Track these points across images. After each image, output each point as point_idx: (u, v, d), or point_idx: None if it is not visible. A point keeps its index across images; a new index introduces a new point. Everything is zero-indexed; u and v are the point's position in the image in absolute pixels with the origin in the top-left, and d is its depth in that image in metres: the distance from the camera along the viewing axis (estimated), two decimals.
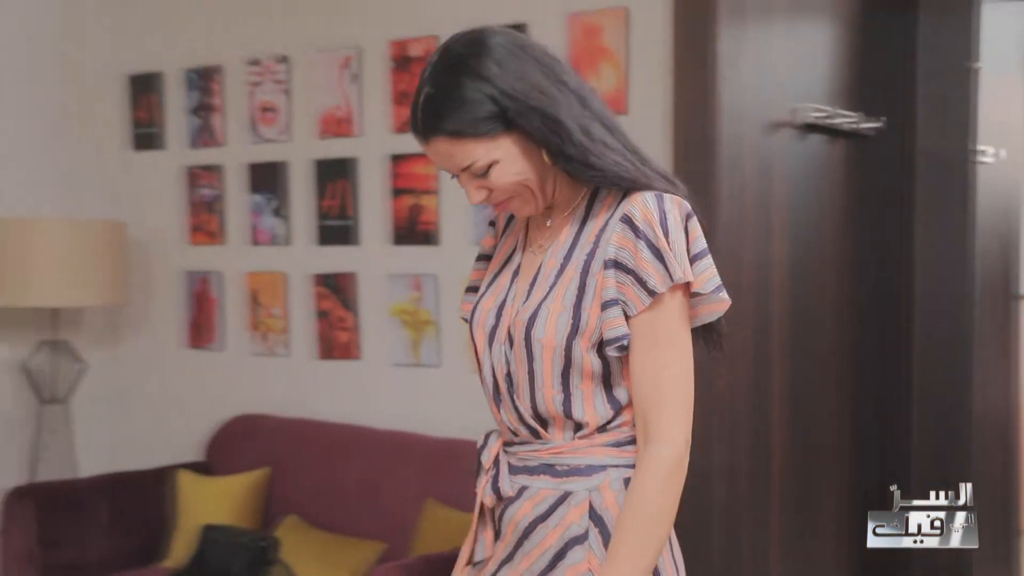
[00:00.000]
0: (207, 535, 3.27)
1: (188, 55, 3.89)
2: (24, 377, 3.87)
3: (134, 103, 4.06)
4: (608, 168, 1.39)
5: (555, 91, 1.38)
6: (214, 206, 3.79)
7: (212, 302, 3.85)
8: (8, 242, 3.58)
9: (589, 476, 1.42)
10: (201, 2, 3.87)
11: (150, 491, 3.60)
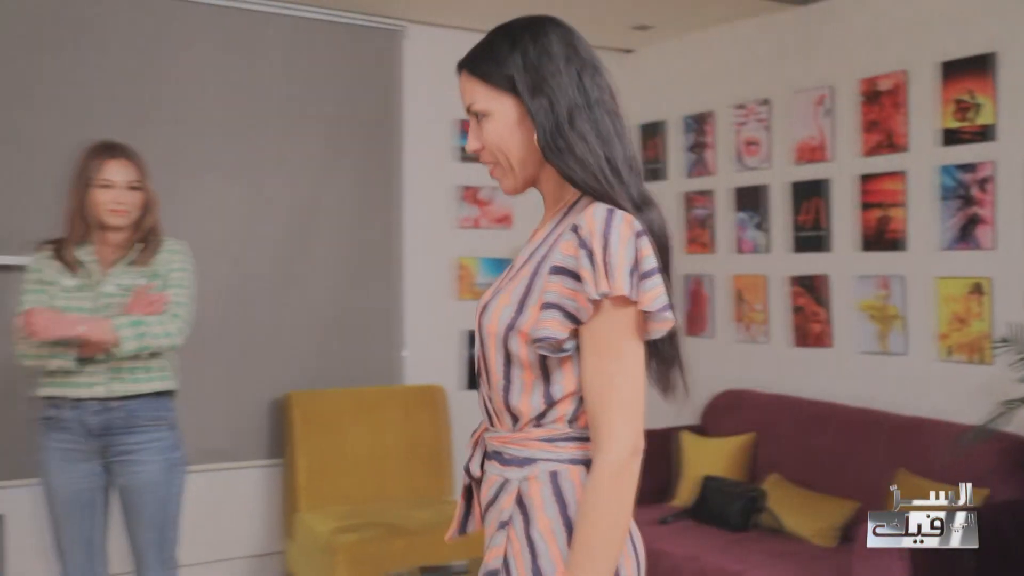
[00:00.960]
0: (707, 483, 3.63)
1: (686, 105, 4.39)
2: None
3: (643, 145, 4.65)
4: (579, 171, 1.36)
5: (571, 89, 1.38)
6: (706, 222, 4.25)
7: (704, 299, 4.29)
8: None
9: (522, 467, 1.38)
10: (694, 64, 4.37)
11: (660, 445, 3.92)
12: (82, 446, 2.60)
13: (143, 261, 2.65)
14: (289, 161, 4.12)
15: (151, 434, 2.62)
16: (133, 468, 2.61)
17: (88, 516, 2.66)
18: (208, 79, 3.98)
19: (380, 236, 4.33)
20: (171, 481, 2.66)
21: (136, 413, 2.59)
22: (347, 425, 4.05)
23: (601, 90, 1.40)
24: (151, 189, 2.67)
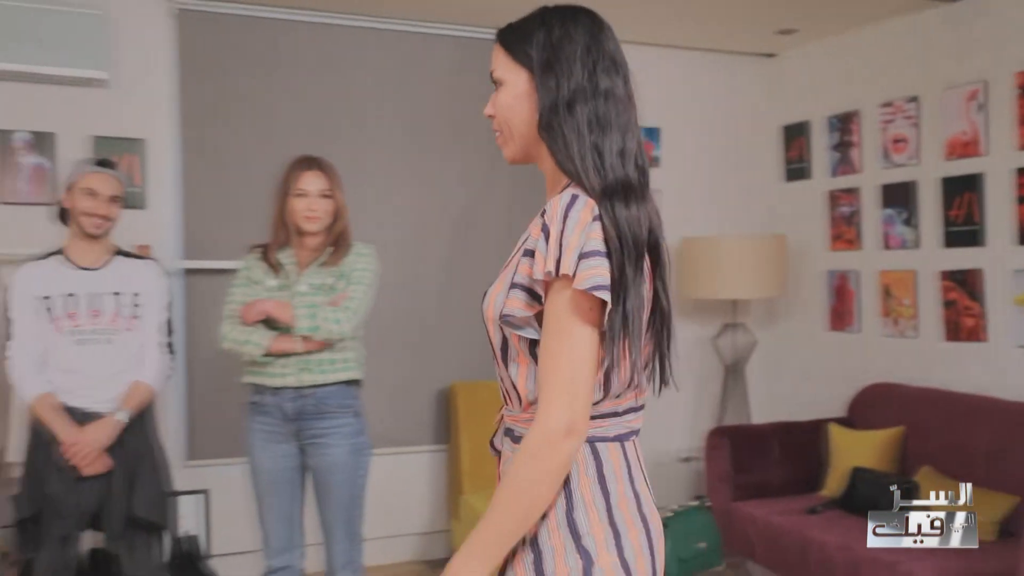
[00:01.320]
0: (857, 474, 3.55)
1: (830, 106, 4.35)
2: (713, 349, 4.56)
3: (786, 146, 4.62)
4: (562, 151, 1.35)
5: (581, 75, 1.36)
6: (851, 219, 4.19)
7: (850, 294, 4.22)
8: (704, 253, 4.22)
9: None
10: (838, 65, 4.31)
11: (807, 437, 3.91)
12: (280, 429, 2.74)
13: (333, 262, 2.77)
14: (454, 173, 4.24)
15: (339, 420, 2.72)
16: (323, 451, 2.73)
17: (286, 491, 2.79)
18: (385, 98, 4.15)
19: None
20: (357, 464, 2.76)
21: (325, 401, 2.71)
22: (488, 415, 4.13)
23: (613, 84, 1.37)
24: (340, 198, 2.79)
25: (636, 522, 1.35)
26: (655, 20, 4.14)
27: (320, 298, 2.72)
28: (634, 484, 1.38)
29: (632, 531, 1.34)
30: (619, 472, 1.36)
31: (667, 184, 4.56)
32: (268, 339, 2.66)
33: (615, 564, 1.31)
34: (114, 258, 2.88)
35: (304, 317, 2.63)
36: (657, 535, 1.40)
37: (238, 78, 3.92)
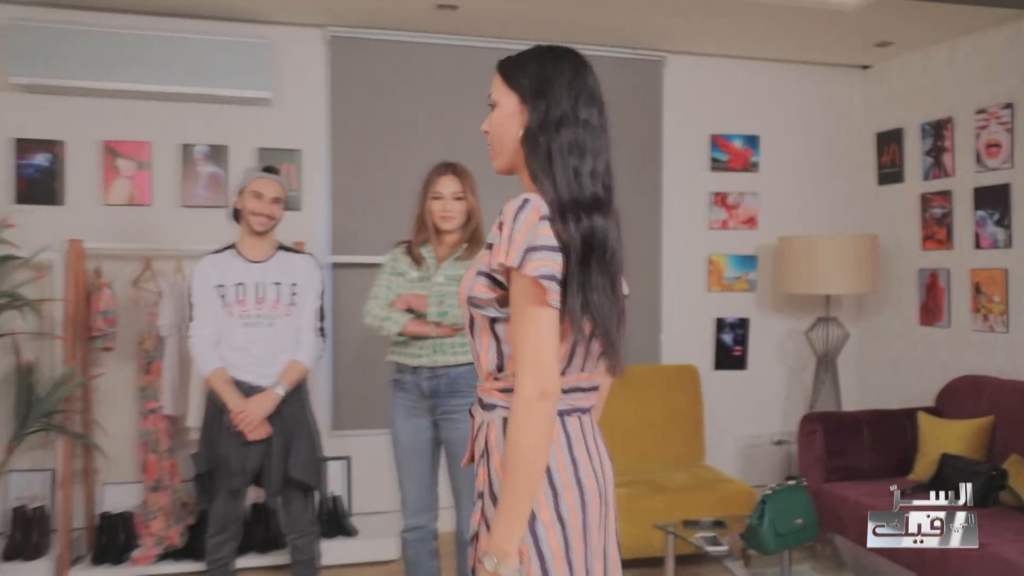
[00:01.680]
0: (945, 460, 3.60)
1: (924, 113, 4.39)
2: (806, 341, 4.65)
3: (879, 151, 4.67)
4: (541, 163, 1.50)
5: (566, 104, 1.52)
6: (943, 220, 4.24)
7: (940, 291, 4.27)
8: (800, 251, 4.29)
9: (488, 412, 1.56)
10: (933, 74, 4.33)
11: (896, 424, 3.95)
12: (418, 404, 2.85)
13: (467, 257, 2.84)
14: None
15: (468, 398, 2.74)
16: (454, 426, 2.80)
17: (423, 461, 2.89)
18: None
19: (643, 237, 4.52)
20: None
21: (456, 380, 2.79)
22: (615, 396, 4.13)
23: (591, 115, 1.53)
24: (472, 200, 2.86)
25: (572, 485, 1.52)
26: (758, 37, 4.27)
27: (454, 288, 2.79)
28: (572, 452, 1.53)
29: (568, 492, 1.51)
30: (558, 442, 1.52)
31: (765, 188, 4.71)
32: (404, 319, 2.78)
33: (552, 518, 1.50)
34: (277, 252, 3.06)
35: (435, 305, 2.76)
36: (591, 496, 1.54)
37: (381, 95, 4.21)
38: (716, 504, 3.71)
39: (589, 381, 1.60)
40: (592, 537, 1.55)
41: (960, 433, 3.74)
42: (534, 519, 1.49)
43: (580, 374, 1.57)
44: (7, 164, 3.89)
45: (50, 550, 3.74)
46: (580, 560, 1.53)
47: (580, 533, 1.52)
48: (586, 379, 1.59)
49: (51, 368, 3.80)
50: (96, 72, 3.74)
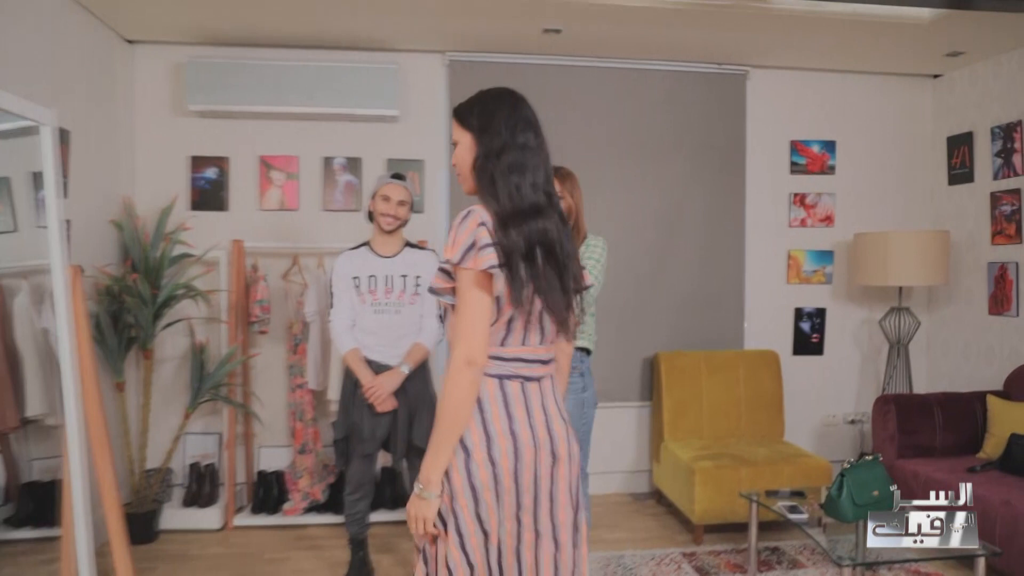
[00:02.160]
0: (1014, 440, 3.64)
1: (994, 117, 4.43)
2: (879, 329, 4.75)
3: (950, 154, 4.73)
4: (487, 185, 1.77)
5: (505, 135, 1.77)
6: (1012, 217, 4.28)
7: (1009, 283, 4.30)
8: (874, 246, 4.38)
9: None
10: (1004, 80, 4.35)
11: (967, 406, 4.02)
12: None
13: None
14: (662, 179, 4.58)
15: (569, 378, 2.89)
16: None
17: None
18: (609, 122, 4.55)
19: (728, 234, 4.68)
20: (581, 414, 2.87)
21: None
22: (702, 379, 4.39)
23: (527, 139, 1.78)
24: (570, 199, 2.88)
25: (506, 435, 1.75)
26: (835, 50, 4.40)
27: None
28: (508, 409, 1.77)
29: (501, 440, 1.75)
30: (494, 400, 1.76)
31: (841, 188, 4.83)
32: None
33: (485, 460, 1.74)
34: (404, 249, 3.21)
35: None
36: (524, 447, 1.76)
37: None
38: (795, 476, 3.85)
39: (533, 354, 1.82)
40: (524, 478, 1.77)
41: None
42: (469, 458, 1.73)
43: (522, 347, 1.80)
44: (185, 177, 4.38)
45: (219, 500, 4.22)
46: (509, 495, 1.77)
47: (511, 473, 1.75)
48: (529, 352, 1.81)
49: (218, 348, 4.25)
50: (255, 98, 4.17)
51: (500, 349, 1.79)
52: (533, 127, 1.82)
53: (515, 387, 1.79)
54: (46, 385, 2.80)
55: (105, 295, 3.79)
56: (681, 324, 4.60)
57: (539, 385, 1.84)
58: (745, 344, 4.74)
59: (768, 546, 3.86)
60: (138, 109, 4.33)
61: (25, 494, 2.77)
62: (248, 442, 4.33)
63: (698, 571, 3.58)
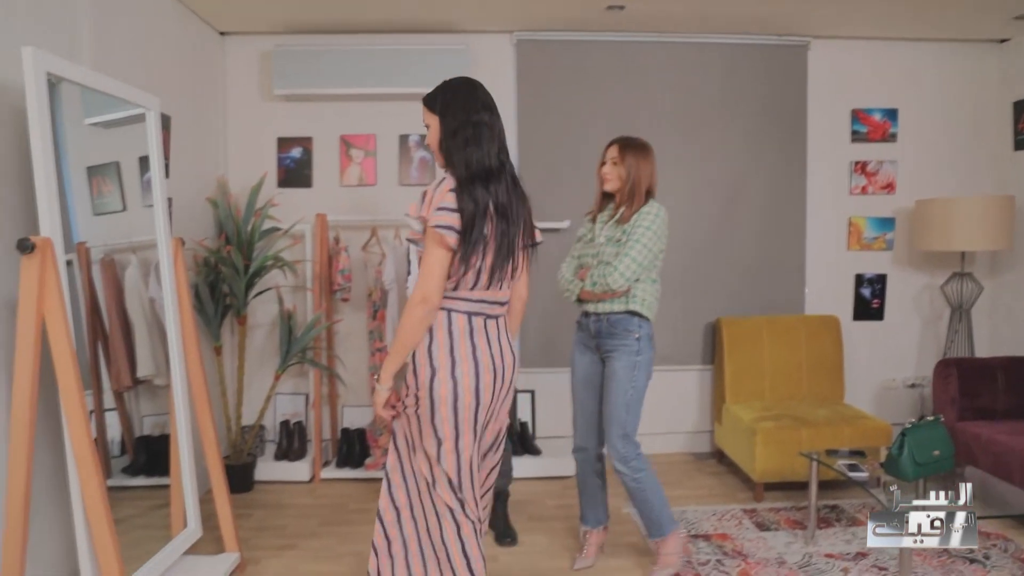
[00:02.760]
0: None
1: None
2: (940, 295, 4.67)
3: (1015, 119, 4.56)
4: (448, 157, 2.07)
5: (461, 115, 2.06)
6: None
7: None
8: (937, 212, 4.26)
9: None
10: None
11: None
12: (589, 343, 2.98)
13: (624, 219, 2.84)
14: (723, 149, 4.53)
15: (620, 341, 2.86)
16: (609, 363, 2.90)
17: (590, 391, 3.01)
18: (670, 95, 4.52)
19: (789, 202, 4.61)
20: (632, 376, 2.85)
21: (615, 325, 2.88)
22: (763, 343, 4.37)
23: (481, 117, 2.07)
24: (625, 168, 2.85)
25: (469, 360, 2.08)
26: (898, 18, 4.26)
27: (611, 249, 2.83)
28: (472, 338, 2.10)
29: (464, 363, 2.07)
30: (462, 331, 2.09)
31: (903, 156, 4.69)
32: (577, 289, 2.94)
33: (447, 376, 2.07)
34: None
35: (589, 275, 2.87)
36: (485, 370, 2.09)
37: (559, 87, 4.50)
38: (854, 437, 3.81)
39: (494, 297, 2.14)
40: (483, 396, 2.10)
41: None
42: (434, 376, 2.05)
43: (486, 291, 2.12)
44: (273, 157, 4.53)
45: (307, 454, 4.40)
46: (468, 410, 2.09)
47: (471, 390, 2.08)
48: (491, 295, 2.13)
49: (304, 315, 4.42)
50: (335, 82, 4.28)
51: (469, 292, 2.10)
52: (488, 108, 2.11)
53: (479, 322, 2.11)
54: (153, 349, 2.97)
55: (203, 267, 3.97)
56: (743, 290, 4.57)
57: (497, 322, 2.17)
58: (806, 310, 4.69)
59: (827, 504, 3.84)
60: (230, 95, 4.48)
61: (139, 446, 2.94)
62: (332, 402, 4.48)
63: (758, 526, 3.59)
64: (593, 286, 2.85)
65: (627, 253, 2.78)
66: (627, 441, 2.87)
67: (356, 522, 3.68)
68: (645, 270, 2.83)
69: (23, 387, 2.18)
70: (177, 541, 2.95)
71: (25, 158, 2.46)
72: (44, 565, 2.63)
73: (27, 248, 2.15)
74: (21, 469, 2.18)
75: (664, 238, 2.87)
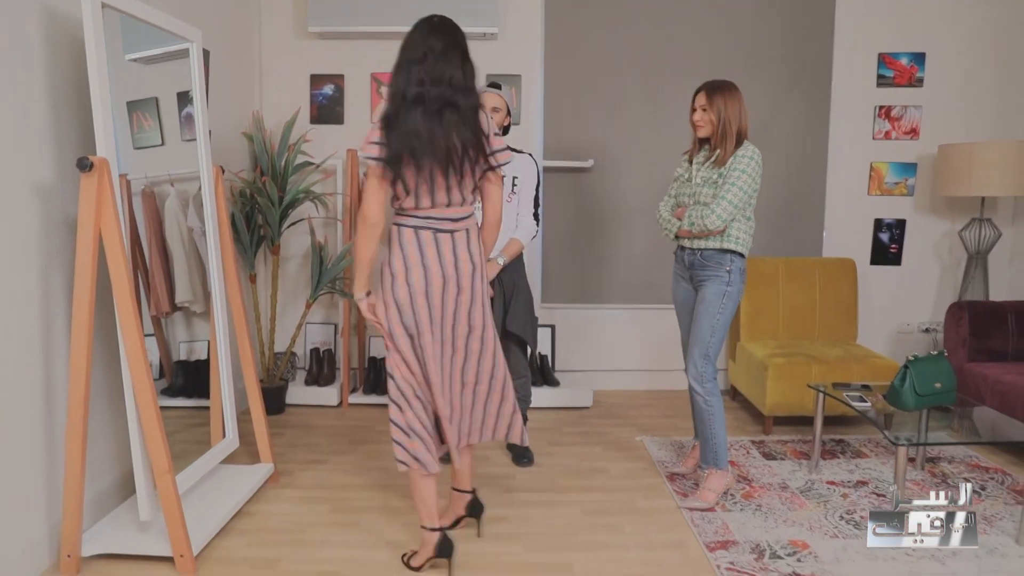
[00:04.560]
0: None
1: None
2: (959, 243, 4.70)
3: None
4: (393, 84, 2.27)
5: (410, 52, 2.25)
6: None
7: None
8: (958, 157, 4.28)
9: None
10: None
11: None
12: (684, 274, 3.19)
13: (721, 162, 2.97)
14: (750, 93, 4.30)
15: (712, 272, 3.04)
16: (701, 291, 3.08)
17: (687, 315, 3.24)
18: (697, 39, 4.57)
19: (812, 146, 4.66)
20: (721, 304, 3.03)
21: (707, 258, 3.05)
22: (781, 283, 4.47)
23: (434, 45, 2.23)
24: (714, 112, 2.96)
25: (418, 266, 2.33)
26: None
27: (707, 190, 3.00)
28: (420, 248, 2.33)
29: (416, 270, 2.33)
30: (411, 243, 2.34)
31: (928, 101, 4.70)
32: (675, 227, 3.13)
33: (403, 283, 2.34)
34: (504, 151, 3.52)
35: (687, 215, 3.03)
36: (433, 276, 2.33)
37: (586, 26, 4.56)
38: (864, 375, 3.93)
39: (441, 214, 2.35)
40: (434, 299, 2.36)
41: None
42: (394, 281, 2.34)
43: (431, 208, 2.34)
44: (306, 93, 4.68)
45: (336, 381, 4.65)
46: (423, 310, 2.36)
47: (423, 293, 2.35)
48: (437, 212, 2.35)
49: (335, 247, 4.63)
50: (367, 20, 4.39)
51: (414, 210, 2.34)
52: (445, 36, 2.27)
53: (427, 235, 2.34)
54: (191, 276, 3.16)
55: (239, 197, 4.16)
56: (762, 231, 4.63)
57: (451, 236, 2.38)
58: (824, 253, 4.77)
59: (834, 438, 4.00)
60: (265, 32, 4.61)
61: (177, 370, 3.15)
62: (360, 332, 4.69)
63: (765, 456, 3.76)
64: (691, 226, 3.00)
65: (724, 196, 2.92)
66: (707, 362, 3.06)
67: (383, 441, 3.93)
68: (740, 210, 2.97)
69: (82, 297, 2.40)
70: (216, 449, 3.20)
71: (77, 86, 2.64)
72: (100, 464, 2.89)
73: (86, 166, 2.35)
74: (81, 375, 2.42)
75: (758, 178, 2.99)
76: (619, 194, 4.66)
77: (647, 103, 4.61)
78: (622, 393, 4.77)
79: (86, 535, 2.64)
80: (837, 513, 3.10)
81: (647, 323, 4.79)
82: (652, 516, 3.06)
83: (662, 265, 4.62)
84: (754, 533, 2.90)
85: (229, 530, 2.90)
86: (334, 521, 2.99)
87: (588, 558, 2.71)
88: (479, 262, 2.46)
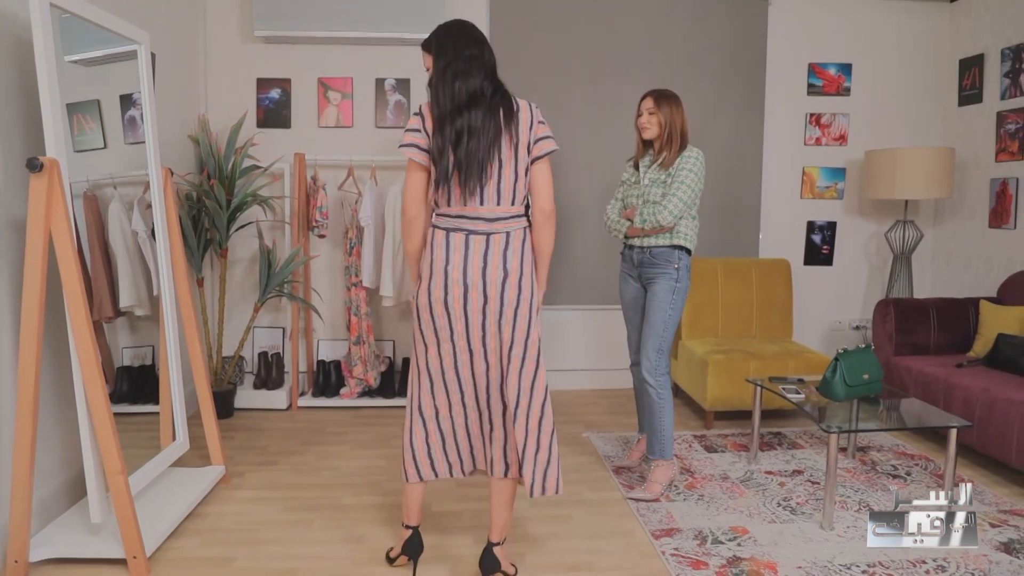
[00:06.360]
0: (1000, 338, 3.79)
1: (1005, 39, 4.46)
2: (886, 243, 4.88)
3: (961, 76, 4.77)
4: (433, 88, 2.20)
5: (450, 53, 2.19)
6: (1015, 135, 4.33)
7: (1009, 197, 4.38)
8: (883, 162, 4.45)
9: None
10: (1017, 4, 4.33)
11: (961, 310, 4.19)
12: (632, 272, 3.26)
13: (667, 164, 3.09)
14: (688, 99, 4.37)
15: (662, 270, 3.13)
16: (650, 289, 3.17)
17: (636, 313, 3.31)
18: (637, 45, 4.66)
19: (747, 151, 4.80)
20: (671, 301, 3.12)
21: (656, 257, 3.14)
22: (720, 283, 4.57)
23: (471, 51, 2.19)
24: (663, 116, 3.08)
25: (440, 273, 2.23)
26: None
27: (656, 190, 3.10)
28: (447, 252, 2.23)
29: (437, 276, 2.24)
30: (439, 248, 2.24)
31: (855, 109, 4.91)
32: (624, 227, 3.22)
33: (425, 289, 2.27)
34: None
35: (638, 214, 3.11)
36: (453, 284, 2.22)
37: (531, 31, 4.63)
38: (799, 369, 4.08)
39: (474, 213, 2.23)
40: (454, 308, 2.23)
41: (1016, 317, 3.88)
42: (420, 286, 2.27)
43: (463, 207, 2.22)
44: (252, 97, 4.66)
45: (284, 384, 4.62)
46: (440, 319, 2.26)
47: (441, 302, 2.24)
48: (470, 211, 2.23)
49: (283, 250, 4.60)
50: (314, 25, 4.39)
51: (446, 208, 2.24)
52: (477, 41, 2.22)
53: (458, 239, 2.22)
54: (135, 280, 3.13)
55: (186, 201, 4.13)
56: (701, 233, 4.70)
57: (486, 239, 2.23)
58: (760, 254, 4.92)
59: (772, 431, 4.15)
60: (210, 36, 4.58)
61: (121, 376, 3.11)
62: (308, 335, 4.69)
63: (707, 449, 3.89)
64: (643, 223, 3.09)
65: (674, 193, 3.03)
66: (661, 355, 3.15)
67: (334, 442, 3.94)
68: (688, 208, 3.08)
69: (32, 300, 2.38)
70: (167, 451, 3.18)
71: (21, 87, 2.61)
72: (47, 468, 2.85)
73: (36, 167, 2.33)
74: (30, 379, 2.39)
75: (703, 179, 3.11)
76: (564, 197, 4.73)
77: (590, 106, 4.70)
78: (569, 392, 4.86)
79: (34, 540, 2.60)
80: (775, 500, 3.25)
81: (594, 323, 4.88)
82: (600, 507, 3.15)
83: (608, 266, 4.71)
84: (697, 521, 3.02)
85: (182, 531, 2.89)
86: (287, 520, 3.00)
87: (539, 547, 2.78)
88: (514, 269, 2.24)
